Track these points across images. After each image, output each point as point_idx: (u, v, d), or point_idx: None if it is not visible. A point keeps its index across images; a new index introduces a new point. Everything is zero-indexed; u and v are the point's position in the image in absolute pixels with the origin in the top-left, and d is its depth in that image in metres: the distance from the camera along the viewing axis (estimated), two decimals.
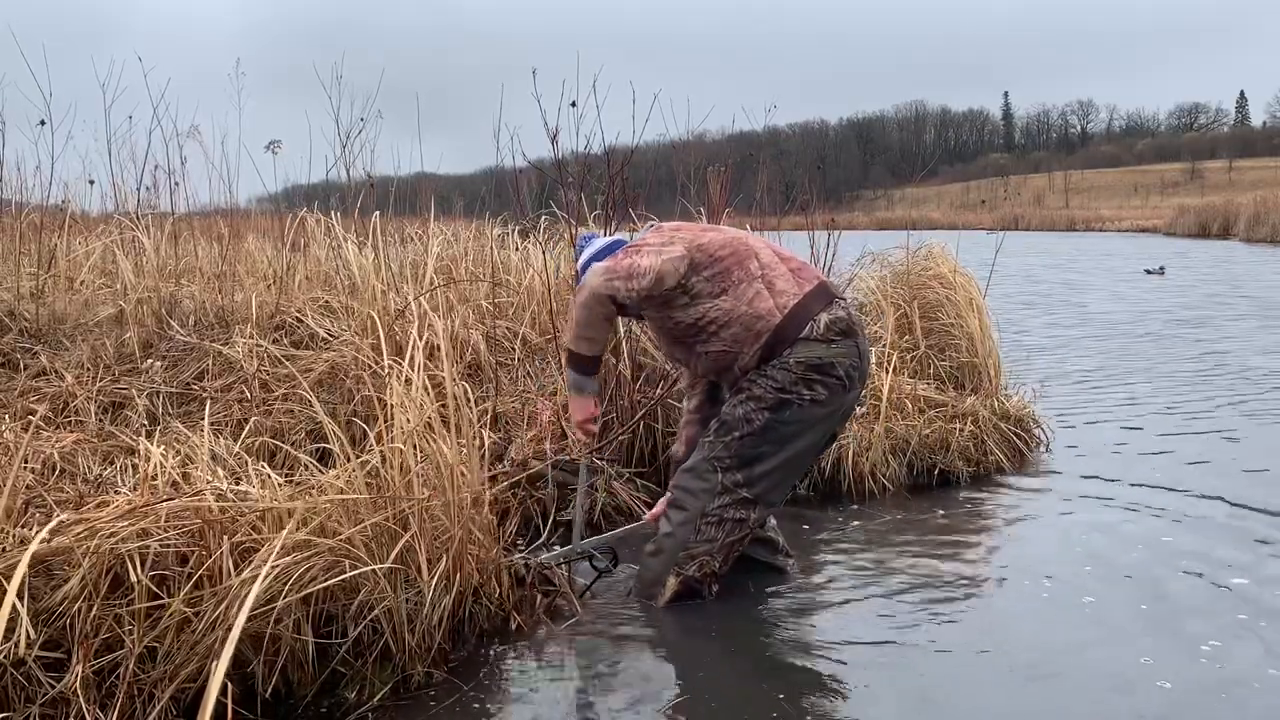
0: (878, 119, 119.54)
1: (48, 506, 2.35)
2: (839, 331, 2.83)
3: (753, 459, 2.82)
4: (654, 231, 3.00)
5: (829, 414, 2.86)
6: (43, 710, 1.96)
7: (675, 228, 2.99)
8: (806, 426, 2.84)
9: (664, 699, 2.33)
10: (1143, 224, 43.50)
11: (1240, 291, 13.18)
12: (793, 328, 2.81)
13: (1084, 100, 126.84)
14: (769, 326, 2.81)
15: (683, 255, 2.84)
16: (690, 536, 2.85)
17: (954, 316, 5.20)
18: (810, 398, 2.80)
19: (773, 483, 2.87)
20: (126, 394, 3.79)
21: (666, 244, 2.87)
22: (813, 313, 2.83)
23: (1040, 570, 3.18)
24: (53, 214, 5.29)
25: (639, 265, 2.81)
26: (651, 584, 2.91)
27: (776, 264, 2.91)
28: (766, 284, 2.85)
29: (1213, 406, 5.71)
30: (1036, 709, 2.31)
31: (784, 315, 2.82)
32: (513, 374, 4.43)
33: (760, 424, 2.81)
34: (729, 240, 2.93)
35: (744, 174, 5.36)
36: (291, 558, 2.22)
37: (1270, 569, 3.14)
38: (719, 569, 2.89)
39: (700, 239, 2.91)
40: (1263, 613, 2.80)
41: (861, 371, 2.91)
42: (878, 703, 2.35)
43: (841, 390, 2.84)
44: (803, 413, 2.81)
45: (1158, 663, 2.50)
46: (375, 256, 4.29)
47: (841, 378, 2.83)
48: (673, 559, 2.87)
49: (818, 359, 2.80)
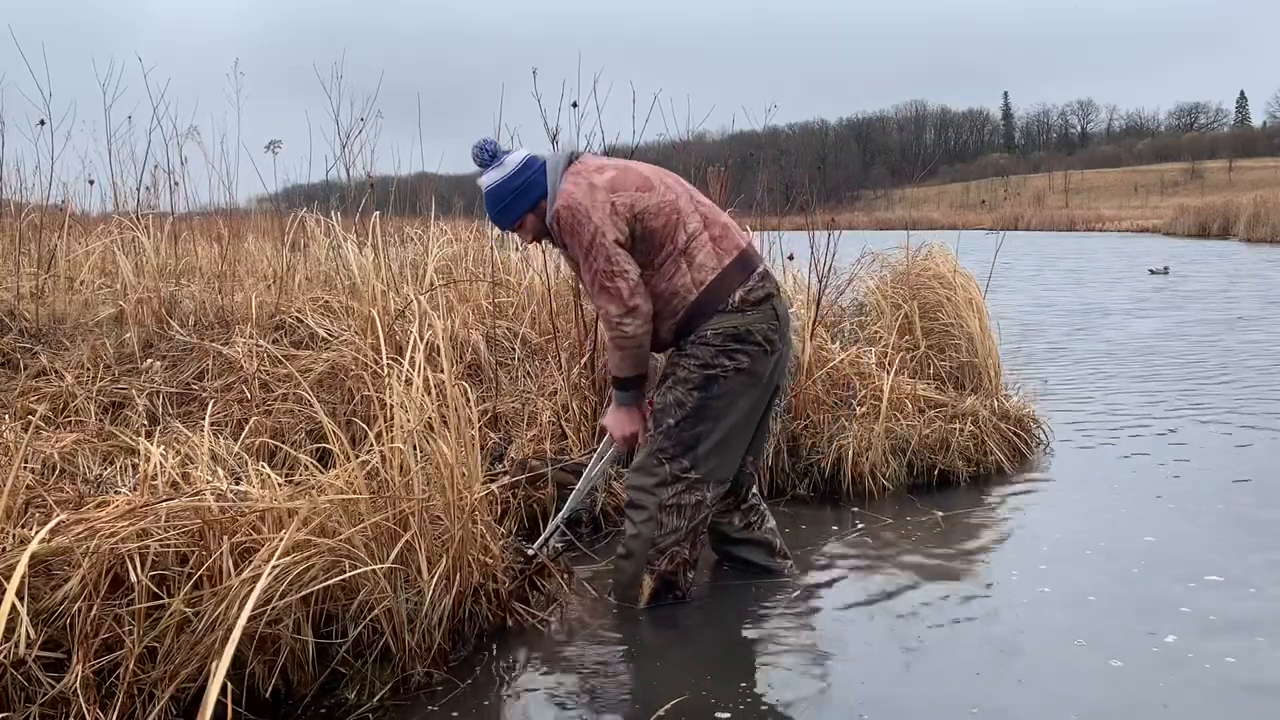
0: (878, 119, 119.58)
1: (48, 506, 2.35)
2: (754, 302, 2.84)
3: (694, 441, 2.82)
4: (585, 187, 2.77)
5: (756, 379, 2.86)
6: (43, 710, 1.96)
7: (611, 185, 2.78)
8: (738, 396, 2.84)
9: (663, 699, 2.33)
10: (1142, 224, 43.47)
11: (1244, 291, 13.18)
12: (708, 304, 2.81)
13: (1084, 100, 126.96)
14: (685, 304, 2.82)
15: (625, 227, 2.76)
16: (655, 532, 2.84)
17: (954, 316, 5.20)
18: (734, 367, 2.81)
19: (719, 459, 2.87)
20: (126, 394, 3.79)
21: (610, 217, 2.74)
22: (730, 288, 2.82)
23: (1040, 570, 3.18)
24: (53, 214, 5.29)
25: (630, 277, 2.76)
26: (628, 586, 2.91)
27: (700, 231, 2.85)
28: (688, 259, 2.82)
29: (1215, 407, 5.71)
30: (1036, 709, 2.30)
31: (700, 291, 2.81)
32: (513, 374, 4.42)
33: (693, 405, 2.81)
34: (661, 206, 2.80)
35: (744, 174, 5.36)
36: (291, 558, 2.22)
37: (1272, 570, 3.14)
38: (689, 555, 2.90)
39: (640, 204, 2.78)
40: (1265, 614, 2.80)
41: (781, 333, 2.90)
42: (877, 703, 2.35)
43: (764, 354, 2.84)
44: (730, 384, 2.81)
45: (1158, 663, 2.50)
46: (375, 256, 4.29)
47: (761, 343, 2.83)
48: (643, 558, 2.86)
49: (733, 328, 2.81)
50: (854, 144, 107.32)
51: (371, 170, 4.78)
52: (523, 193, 2.86)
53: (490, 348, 4.51)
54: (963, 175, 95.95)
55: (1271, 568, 3.15)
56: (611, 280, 2.76)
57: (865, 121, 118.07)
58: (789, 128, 78.49)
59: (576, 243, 2.78)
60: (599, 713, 2.35)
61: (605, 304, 2.79)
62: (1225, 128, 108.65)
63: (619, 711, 2.33)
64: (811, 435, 4.20)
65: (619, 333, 2.80)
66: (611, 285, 2.77)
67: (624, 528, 2.94)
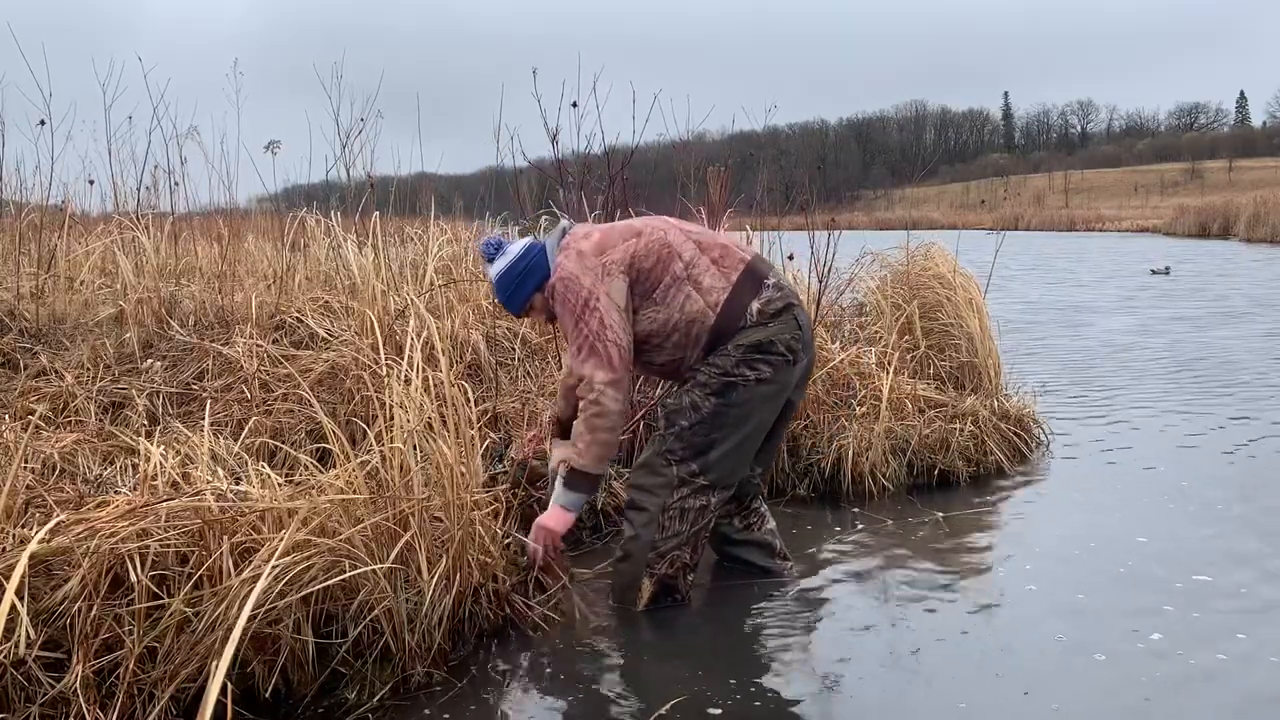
0: (878, 119, 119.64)
1: (48, 506, 2.35)
2: (773, 313, 2.84)
3: (706, 446, 2.81)
4: (575, 257, 2.83)
5: (777, 390, 2.86)
6: (43, 710, 1.96)
7: (599, 249, 2.84)
8: (756, 406, 2.83)
9: (663, 699, 2.33)
10: (1143, 224, 43.48)
11: (1245, 292, 13.17)
12: (728, 323, 2.81)
13: (1084, 100, 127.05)
14: (706, 328, 2.82)
15: (625, 284, 2.81)
16: (655, 535, 2.82)
17: (954, 316, 5.20)
18: (755, 377, 2.80)
19: (729, 466, 2.86)
20: (126, 394, 3.79)
21: (605, 278, 2.78)
22: (745, 303, 2.83)
23: (1040, 571, 3.18)
24: (53, 214, 5.29)
25: (623, 345, 2.75)
26: (626, 589, 2.89)
27: (699, 258, 2.86)
28: (694, 284, 2.83)
29: (1216, 407, 5.71)
30: (1035, 709, 2.30)
31: (717, 314, 2.82)
32: (513, 374, 4.43)
33: (709, 410, 2.80)
34: (650, 245, 2.85)
35: (744, 174, 5.36)
36: (291, 558, 2.22)
37: (1274, 567, 3.14)
38: (690, 560, 2.88)
39: (629, 251, 2.83)
40: (1267, 614, 2.80)
41: (804, 341, 2.89)
42: (875, 703, 2.35)
43: (786, 365, 2.84)
44: (749, 392, 2.80)
45: (1158, 664, 2.50)
46: (375, 256, 4.29)
47: (783, 353, 2.82)
48: (642, 561, 2.84)
49: (756, 341, 2.81)
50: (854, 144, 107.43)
51: (371, 170, 4.78)
52: (527, 276, 2.93)
53: (490, 348, 4.51)
54: (963, 175, 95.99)
55: (1264, 567, 3.16)
56: (602, 343, 2.74)
57: (865, 121, 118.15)
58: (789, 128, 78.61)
59: (567, 311, 2.79)
60: (599, 713, 2.35)
61: (591, 369, 2.74)
62: (1225, 128, 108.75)
63: (619, 711, 2.33)
64: (811, 435, 4.20)
65: (598, 407, 2.74)
66: (601, 348, 2.74)
67: (623, 528, 2.93)
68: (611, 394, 2.75)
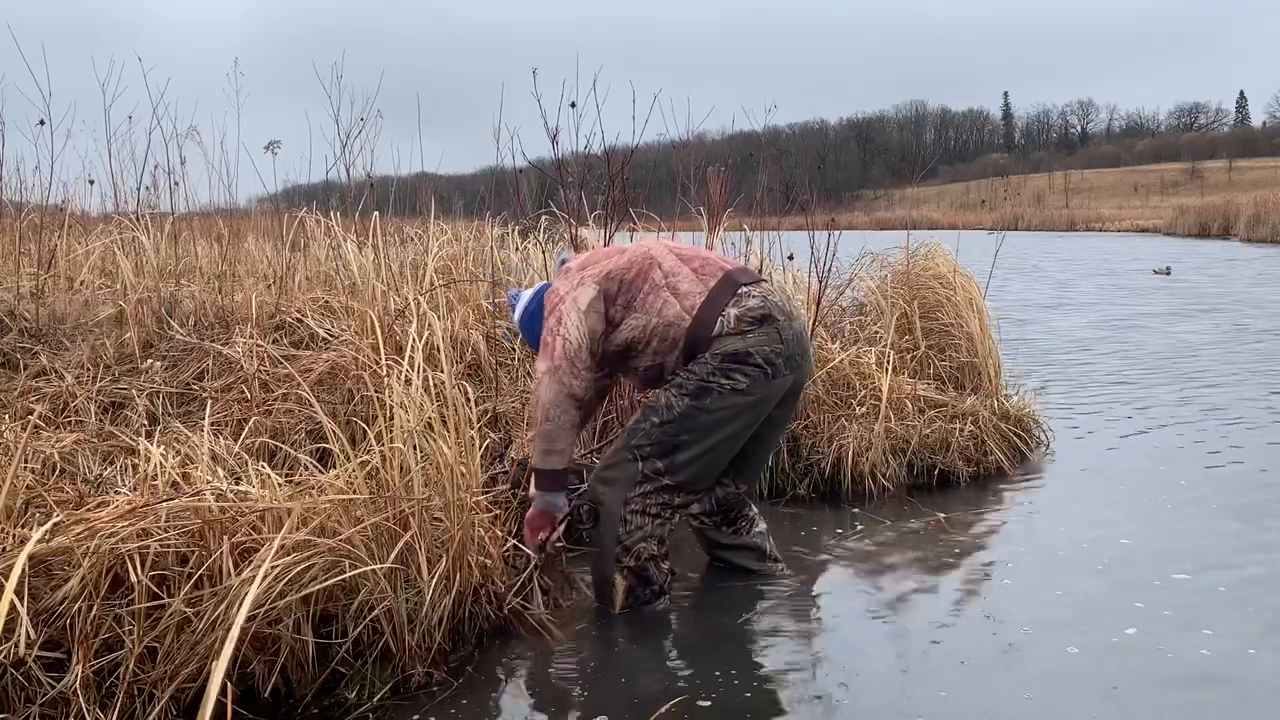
0: (878, 119, 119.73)
1: (48, 506, 2.35)
2: (751, 321, 2.83)
3: (674, 447, 2.81)
4: (562, 275, 2.98)
5: (755, 401, 2.84)
6: (43, 710, 1.96)
7: (582, 265, 2.97)
8: (731, 415, 2.82)
9: (663, 699, 2.32)
10: (1143, 224, 43.49)
11: (1246, 292, 13.17)
12: (703, 329, 2.82)
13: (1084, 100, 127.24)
14: (681, 332, 2.84)
15: (596, 292, 2.86)
16: (619, 530, 2.82)
17: (954, 317, 5.20)
18: (730, 386, 2.79)
19: (698, 470, 2.86)
20: (126, 394, 3.79)
21: (577, 287, 2.88)
22: (720, 308, 2.83)
23: (1040, 571, 3.18)
24: (53, 214, 5.28)
25: (570, 340, 2.80)
26: (601, 585, 2.90)
27: (679, 268, 2.91)
28: (671, 290, 2.87)
29: (1217, 408, 5.71)
30: (1035, 710, 2.30)
31: (693, 318, 2.83)
32: (513, 374, 4.42)
33: (680, 410, 2.80)
34: (632, 258, 2.94)
35: (744, 174, 5.35)
36: (291, 558, 2.22)
37: (1274, 567, 3.14)
38: (658, 550, 2.88)
39: (607, 266, 2.92)
40: (1268, 614, 2.80)
41: (788, 355, 2.86)
42: (875, 703, 2.35)
43: (765, 378, 2.82)
44: (724, 400, 2.80)
45: (1158, 664, 2.50)
46: (375, 256, 4.29)
47: (761, 365, 2.81)
48: (611, 555, 2.84)
49: (733, 350, 2.81)
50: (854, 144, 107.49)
51: (371, 170, 4.77)
52: (539, 311, 3.01)
53: (490, 348, 4.50)
54: (963, 175, 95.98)
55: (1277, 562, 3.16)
56: (553, 336, 2.83)
57: (865, 121, 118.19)
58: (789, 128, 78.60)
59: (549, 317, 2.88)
60: (598, 712, 2.34)
61: (539, 361, 2.84)
62: (1225, 128, 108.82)
63: (618, 711, 2.33)
64: (811, 435, 4.20)
65: (533, 396, 2.80)
66: (549, 339, 2.83)
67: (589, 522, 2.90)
68: (547, 382, 2.79)
